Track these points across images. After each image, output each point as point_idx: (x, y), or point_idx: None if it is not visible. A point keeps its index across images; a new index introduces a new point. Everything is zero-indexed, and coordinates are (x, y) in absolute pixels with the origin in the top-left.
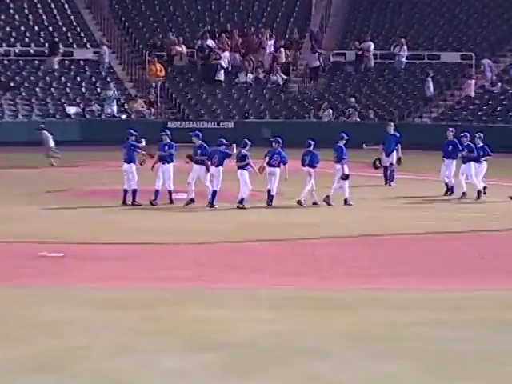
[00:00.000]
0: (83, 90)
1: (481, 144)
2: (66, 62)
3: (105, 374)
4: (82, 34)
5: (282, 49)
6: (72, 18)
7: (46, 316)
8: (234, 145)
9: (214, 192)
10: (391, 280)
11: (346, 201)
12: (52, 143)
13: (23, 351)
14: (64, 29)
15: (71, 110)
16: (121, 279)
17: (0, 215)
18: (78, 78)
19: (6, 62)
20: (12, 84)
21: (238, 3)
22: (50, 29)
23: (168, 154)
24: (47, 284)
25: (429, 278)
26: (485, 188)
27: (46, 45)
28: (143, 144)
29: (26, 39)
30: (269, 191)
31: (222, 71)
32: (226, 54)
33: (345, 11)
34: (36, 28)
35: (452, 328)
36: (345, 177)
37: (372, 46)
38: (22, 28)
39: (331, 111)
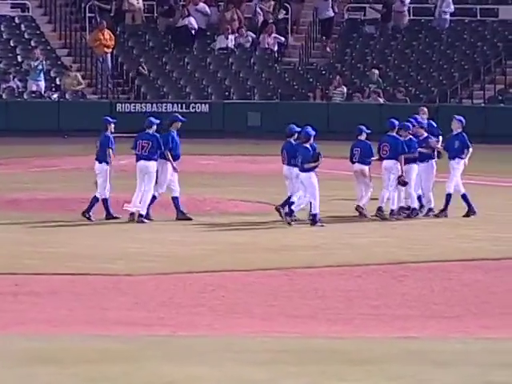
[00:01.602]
0: None
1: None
2: None
3: None
4: None
5: None
6: None
7: None
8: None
9: None
10: (427, 325)
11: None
12: None
13: None
14: None
15: None
16: (51, 323)
17: None
18: None
19: None
20: None
21: None
22: None
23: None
24: None
25: (481, 322)
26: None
27: None
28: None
29: None
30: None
31: (193, 33)
32: (200, 6)
33: None
34: None
35: None
36: (402, 182)
37: None
38: None
39: (345, 89)
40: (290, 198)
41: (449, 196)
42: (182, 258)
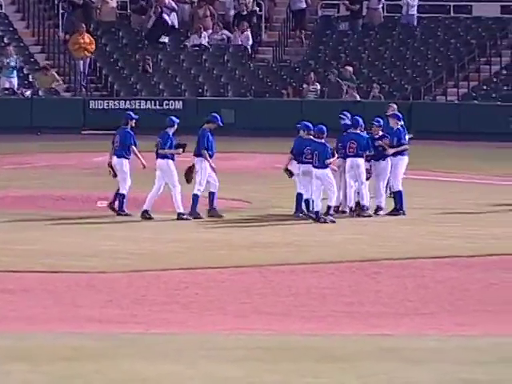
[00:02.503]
0: None
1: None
2: None
3: None
4: None
5: None
6: None
7: None
8: None
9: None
10: (401, 322)
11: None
12: None
13: None
14: None
15: None
16: (24, 321)
17: None
18: None
19: None
20: None
21: None
22: None
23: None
24: None
25: (455, 319)
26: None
27: None
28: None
29: None
30: (305, 200)
31: (167, 30)
32: (172, 3)
33: None
34: None
35: None
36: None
37: None
38: None
39: (319, 86)
40: (299, 197)
41: (399, 194)
42: (156, 255)
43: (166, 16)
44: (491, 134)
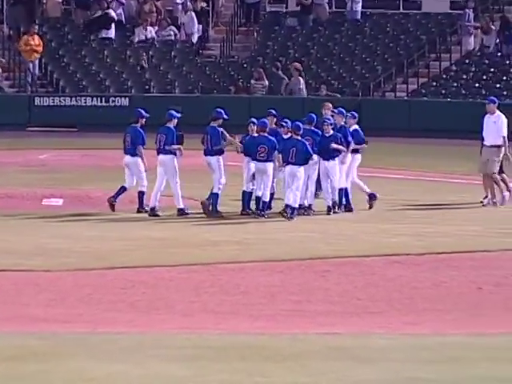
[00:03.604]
0: None
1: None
2: None
3: None
4: None
5: None
6: None
7: None
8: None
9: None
10: (350, 321)
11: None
12: None
13: None
14: None
15: None
16: None
17: None
18: None
19: None
20: None
21: None
22: None
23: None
24: None
25: (404, 318)
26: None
27: None
28: None
29: None
30: (257, 197)
31: (113, 25)
32: None
33: None
34: None
35: None
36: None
37: None
38: None
39: (267, 82)
40: (246, 196)
41: (345, 191)
42: (102, 253)
43: (111, 11)
44: (441, 130)
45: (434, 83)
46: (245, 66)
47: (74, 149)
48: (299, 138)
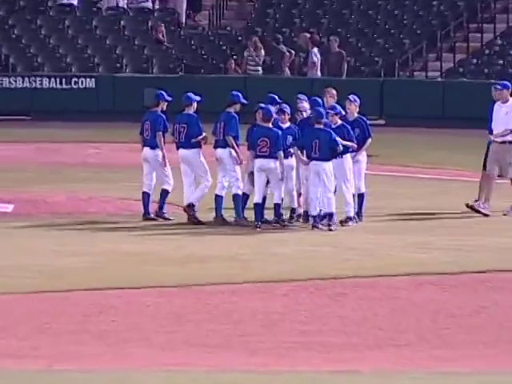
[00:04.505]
0: None
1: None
2: None
3: None
4: None
5: None
6: None
7: None
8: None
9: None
10: (370, 356)
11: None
12: None
13: None
14: None
15: None
16: None
17: None
18: None
19: None
20: None
21: None
22: None
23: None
24: None
25: (436, 352)
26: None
27: None
28: None
29: None
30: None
31: None
32: None
33: None
34: None
35: None
36: None
37: None
38: None
39: (262, 53)
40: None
41: (362, 197)
42: (62, 272)
43: None
44: (482, 119)
45: (475, 60)
46: (239, 38)
47: (26, 142)
48: (322, 126)
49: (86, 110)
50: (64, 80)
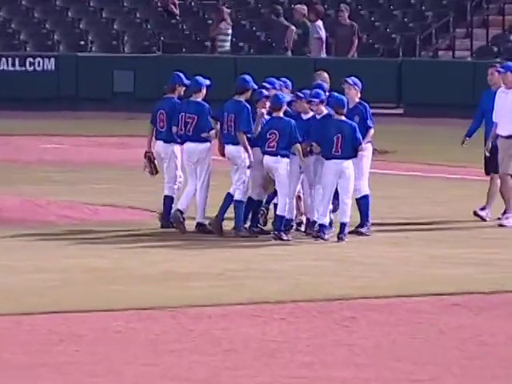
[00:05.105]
0: None
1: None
2: None
3: None
4: None
5: None
6: None
7: None
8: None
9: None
10: None
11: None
12: None
13: None
14: None
15: None
16: None
17: None
18: None
19: None
20: None
21: None
22: None
23: None
24: None
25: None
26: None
27: None
28: None
29: None
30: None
31: None
32: None
33: None
34: None
35: None
36: None
37: None
38: None
39: (229, 27)
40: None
41: (365, 200)
42: (14, 292)
43: None
44: None
45: None
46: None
47: None
48: (344, 118)
49: (43, 96)
50: (17, 61)
